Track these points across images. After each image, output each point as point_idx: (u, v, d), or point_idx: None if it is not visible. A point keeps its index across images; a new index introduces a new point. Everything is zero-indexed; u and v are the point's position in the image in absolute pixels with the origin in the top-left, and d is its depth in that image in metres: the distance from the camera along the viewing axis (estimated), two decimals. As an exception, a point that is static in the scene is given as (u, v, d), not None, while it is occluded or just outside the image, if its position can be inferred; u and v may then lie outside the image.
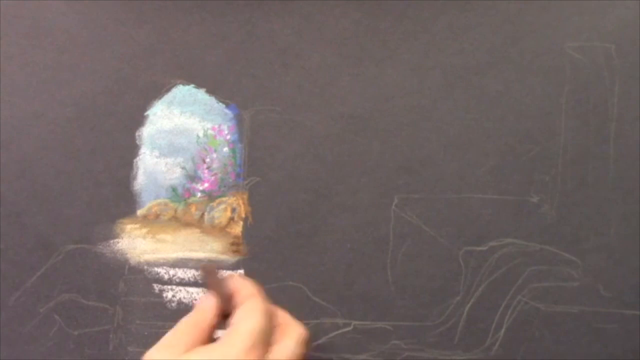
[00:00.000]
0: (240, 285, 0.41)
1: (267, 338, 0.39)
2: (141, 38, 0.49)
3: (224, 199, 0.49)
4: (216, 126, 0.49)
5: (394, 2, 0.49)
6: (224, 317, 0.40)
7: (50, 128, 0.48)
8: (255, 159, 0.49)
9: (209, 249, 0.48)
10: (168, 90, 0.49)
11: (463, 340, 0.49)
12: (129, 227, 0.48)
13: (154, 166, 0.49)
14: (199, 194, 0.49)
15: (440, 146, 0.49)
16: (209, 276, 0.42)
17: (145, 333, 0.48)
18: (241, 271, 0.48)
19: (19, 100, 0.48)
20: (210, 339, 0.40)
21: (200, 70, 0.49)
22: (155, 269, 0.48)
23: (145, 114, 0.49)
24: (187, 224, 0.49)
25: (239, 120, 0.49)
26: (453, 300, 0.48)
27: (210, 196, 0.49)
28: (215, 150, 0.49)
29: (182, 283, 0.48)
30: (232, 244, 0.48)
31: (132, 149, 0.48)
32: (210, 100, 0.49)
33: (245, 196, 0.49)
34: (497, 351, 0.48)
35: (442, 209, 0.48)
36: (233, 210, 0.49)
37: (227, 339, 0.38)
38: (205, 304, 0.40)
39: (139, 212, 0.48)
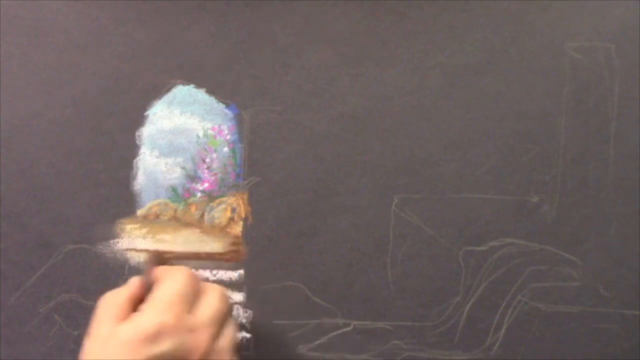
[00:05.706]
0: (164, 270, 0.41)
1: (187, 297, 0.39)
2: (141, 38, 0.49)
3: (224, 199, 0.49)
4: (216, 126, 0.49)
5: (394, 2, 0.49)
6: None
7: (50, 128, 0.48)
8: (255, 159, 0.49)
9: (209, 249, 0.48)
10: (168, 90, 0.49)
11: (463, 340, 0.49)
12: (129, 227, 0.48)
13: (154, 166, 0.49)
14: (199, 194, 0.49)
15: (440, 146, 0.49)
16: (149, 264, 0.43)
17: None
18: (241, 271, 0.48)
19: (19, 100, 0.48)
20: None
21: (200, 70, 0.49)
22: (155, 269, 0.48)
23: (145, 114, 0.48)
24: (187, 224, 0.49)
25: (238, 120, 0.49)
26: (453, 300, 0.48)
27: (210, 196, 0.49)
28: (215, 150, 0.49)
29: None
30: (232, 244, 0.48)
31: (132, 149, 0.48)
32: (210, 100, 0.49)
33: (245, 196, 0.49)
34: (497, 351, 0.48)
35: (442, 209, 0.48)
36: (233, 210, 0.49)
37: (146, 305, 0.38)
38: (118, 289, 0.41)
39: (139, 212, 0.48)
